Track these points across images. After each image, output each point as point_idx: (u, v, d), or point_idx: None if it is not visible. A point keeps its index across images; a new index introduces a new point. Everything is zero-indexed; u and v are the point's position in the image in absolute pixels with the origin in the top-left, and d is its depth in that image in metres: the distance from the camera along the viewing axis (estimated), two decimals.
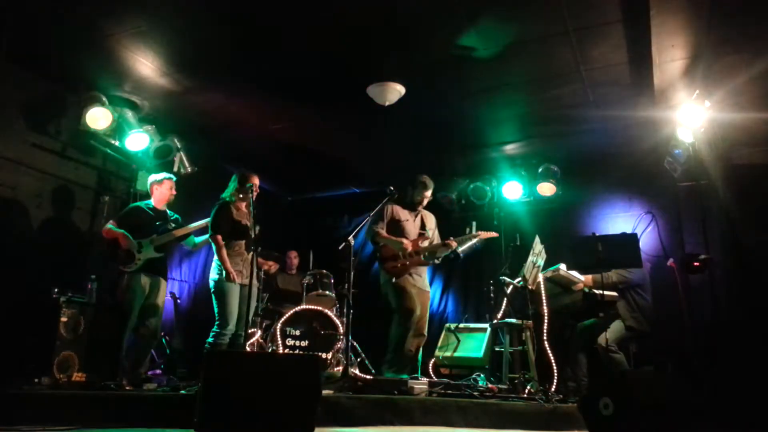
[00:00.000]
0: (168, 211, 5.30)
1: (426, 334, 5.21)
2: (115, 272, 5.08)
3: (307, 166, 7.64)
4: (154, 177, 5.32)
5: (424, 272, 5.31)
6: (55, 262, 5.41)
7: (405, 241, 5.09)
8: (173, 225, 5.18)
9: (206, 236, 5.02)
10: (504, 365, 5.46)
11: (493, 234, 5.41)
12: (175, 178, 5.37)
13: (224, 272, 4.74)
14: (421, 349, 5.19)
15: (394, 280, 5.08)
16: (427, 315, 5.26)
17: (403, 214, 5.26)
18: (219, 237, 4.78)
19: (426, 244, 5.24)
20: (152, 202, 5.26)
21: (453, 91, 5.64)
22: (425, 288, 5.28)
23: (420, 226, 5.33)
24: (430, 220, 5.46)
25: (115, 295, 5.09)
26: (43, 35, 4.92)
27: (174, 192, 5.30)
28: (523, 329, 5.52)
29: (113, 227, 5.03)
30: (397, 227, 5.20)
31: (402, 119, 6.16)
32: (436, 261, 5.36)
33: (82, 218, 5.85)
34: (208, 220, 4.96)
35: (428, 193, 5.30)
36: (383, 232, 5.12)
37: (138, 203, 5.36)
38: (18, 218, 5.27)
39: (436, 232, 5.47)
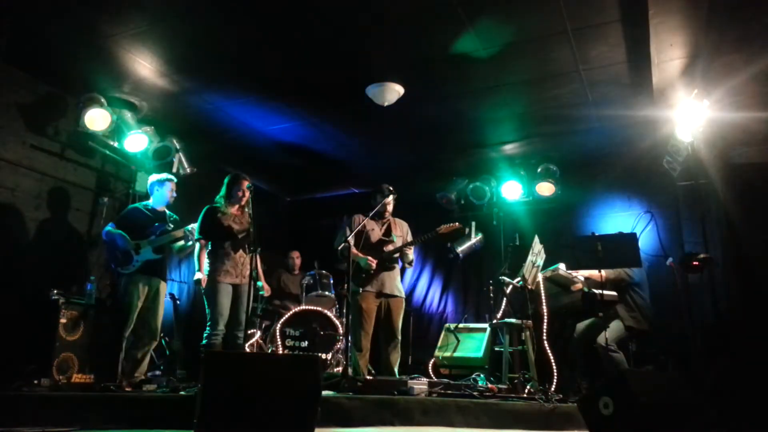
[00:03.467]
0: (167, 212, 5.28)
1: (399, 336, 5.14)
2: (114, 274, 5.07)
3: (307, 166, 7.64)
4: (155, 178, 5.29)
5: (394, 277, 5.24)
6: (55, 264, 5.41)
7: (370, 258, 5.07)
8: (171, 226, 5.16)
9: (190, 243, 5.08)
10: (504, 365, 5.46)
11: (456, 225, 5.37)
12: (176, 180, 5.35)
13: (210, 272, 4.82)
14: (398, 350, 5.13)
15: (357, 289, 5.07)
16: (399, 319, 5.17)
17: (370, 224, 5.24)
18: (201, 241, 4.96)
19: (391, 248, 5.21)
20: (151, 203, 5.25)
21: (452, 91, 5.64)
22: (396, 293, 5.20)
23: (385, 233, 5.30)
24: (399, 228, 5.39)
25: (114, 297, 5.08)
26: (42, 36, 4.92)
27: (174, 194, 5.28)
28: (523, 329, 5.52)
29: (112, 229, 5.01)
30: (362, 236, 5.20)
31: (401, 119, 6.16)
32: (409, 265, 5.35)
33: (81, 219, 5.84)
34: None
35: (388, 200, 5.24)
36: (352, 248, 5.05)
37: (136, 204, 5.35)
38: (17, 220, 5.26)
39: (410, 237, 5.41)
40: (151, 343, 5.00)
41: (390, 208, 5.30)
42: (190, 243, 5.12)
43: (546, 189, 7.01)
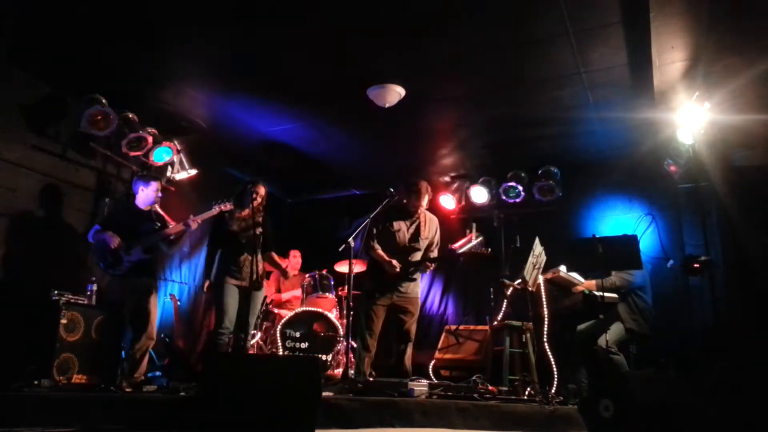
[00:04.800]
0: (152, 211, 5.21)
1: (412, 338, 5.13)
2: (104, 276, 5.06)
3: (308, 168, 7.64)
4: (140, 178, 5.24)
5: (415, 285, 5.14)
6: (55, 264, 5.40)
7: (395, 262, 4.92)
8: (158, 224, 5.10)
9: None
10: (504, 367, 5.44)
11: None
12: (161, 179, 5.30)
13: (217, 274, 5.00)
14: (409, 352, 5.11)
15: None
16: (414, 321, 5.13)
17: (397, 223, 5.08)
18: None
19: (417, 257, 5.07)
20: (137, 202, 5.17)
21: (453, 93, 5.64)
22: (413, 295, 5.12)
23: (413, 235, 5.11)
24: (428, 227, 5.19)
25: (108, 298, 5.07)
26: (42, 37, 4.92)
27: (160, 195, 5.21)
28: (524, 331, 5.52)
29: (99, 230, 4.95)
30: (388, 236, 5.04)
31: (402, 121, 6.16)
32: (414, 277, 5.15)
33: (82, 220, 5.83)
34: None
35: (424, 202, 5.08)
36: (378, 249, 4.99)
37: (121, 206, 5.35)
38: (18, 220, 5.27)
39: (437, 236, 5.27)
40: (148, 342, 4.96)
41: (424, 203, 5.09)
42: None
43: (547, 191, 7.00)
